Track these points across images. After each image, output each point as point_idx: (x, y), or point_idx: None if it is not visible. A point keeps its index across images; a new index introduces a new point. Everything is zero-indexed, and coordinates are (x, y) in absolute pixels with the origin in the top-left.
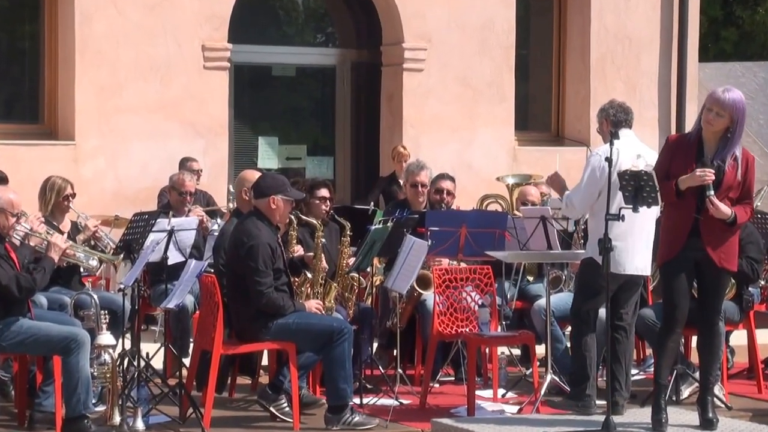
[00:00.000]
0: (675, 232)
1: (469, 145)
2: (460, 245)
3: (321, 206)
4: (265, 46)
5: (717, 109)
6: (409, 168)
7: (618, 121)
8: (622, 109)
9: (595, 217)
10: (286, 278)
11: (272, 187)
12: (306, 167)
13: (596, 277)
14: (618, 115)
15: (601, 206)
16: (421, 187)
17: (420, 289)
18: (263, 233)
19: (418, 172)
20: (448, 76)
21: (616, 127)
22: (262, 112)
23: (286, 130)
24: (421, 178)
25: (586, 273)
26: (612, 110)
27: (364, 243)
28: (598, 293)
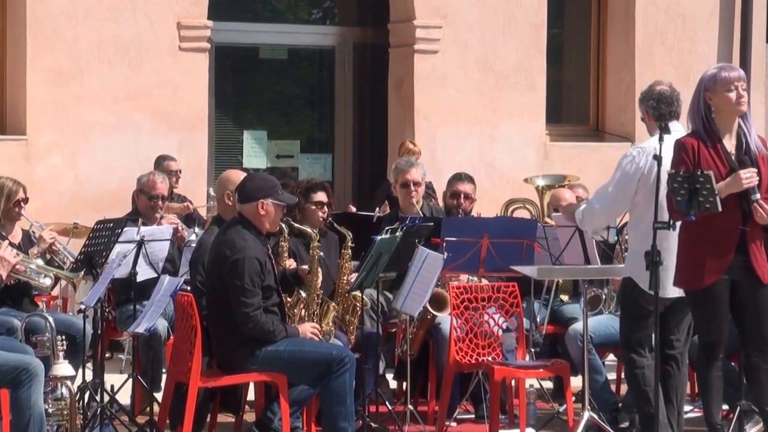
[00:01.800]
0: (716, 251)
1: (492, 140)
2: (481, 258)
3: (317, 213)
4: (252, 24)
5: (741, 83)
6: (397, 167)
7: (661, 114)
8: (663, 99)
9: (635, 230)
10: (277, 298)
11: (260, 190)
12: (300, 167)
13: (638, 299)
14: (660, 106)
15: (639, 217)
16: (413, 185)
17: (434, 311)
18: (250, 245)
19: (408, 169)
20: (468, 59)
21: (660, 120)
22: (247, 102)
23: (277, 123)
24: (412, 175)
25: (626, 295)
26: (652, 101)
27: (369, 256)
28: (644, 318)
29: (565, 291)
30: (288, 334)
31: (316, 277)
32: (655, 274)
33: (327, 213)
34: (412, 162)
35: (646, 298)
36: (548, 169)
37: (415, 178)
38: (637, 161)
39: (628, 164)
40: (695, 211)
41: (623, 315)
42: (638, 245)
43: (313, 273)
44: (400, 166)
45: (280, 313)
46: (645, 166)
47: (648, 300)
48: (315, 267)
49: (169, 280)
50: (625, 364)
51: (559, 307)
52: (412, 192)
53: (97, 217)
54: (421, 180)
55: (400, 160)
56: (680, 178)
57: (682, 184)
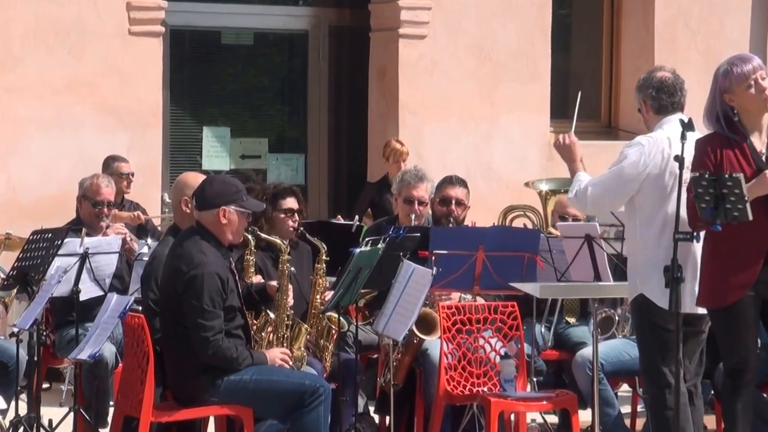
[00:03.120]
0: (740, 264)
1: (489, 138)
2: (475, 274)
3: (287, 221)
4: (212, 4)
5: (760, 72)
6: (404, 178)
7: (661, 105)
8: (664, 87)
9: (635, 238)
10: (242, 319)
11: (222, 195)
12: (268, 168)
13: (654, 320)
14: (661, 96)
15: (646, 223)
16: (418, 204)
17: (421, 334)
18: (210, 258)
19: (415, 184)
20: (461, 44)
21: (660, 112)
22: (208, 95)
23: (241, 119)
24: (419, 192)
25: (642, 317)
26: (651, 89)
27: (346, 271)
28: (662, 341)
29: (572, 311)
30: (254, 361)
31: (286, 296)
32: (676, 293)
33: (298, 222)
34: (422, 176)
35: (663, 317)
36: (553, 171)
37: (422, 195)
38: (646, 152)
39: (636, 154)
40: (722, 219)
41: (640, 341)
42: (644, 256)
43: (282, 290)
44: (407, 179)
45: (245, 336)
46: (655, 161)
47: (665, 319)
48: (285, 284)
49: (117, 299)
50: (651, 401)
51: (565, 330)
52: (415, 210)
53: (34, 226)
54: (428, 199)
55: (408, 171)
56: (705, 182)
57: (707, 188)
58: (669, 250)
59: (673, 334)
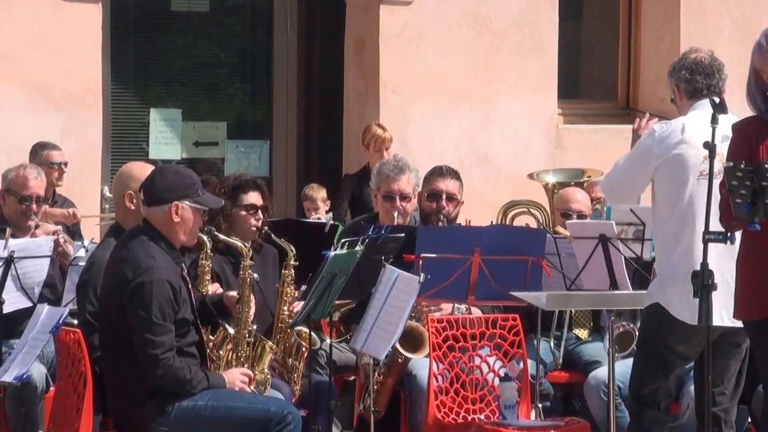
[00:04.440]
0: None
1: (486, 121)
2: (470, 282)
3: (249, 220)
4: None
5: None
6: (382, 170)
7: (696, 89)
8: (700, 68)
9: (662, 238)
10: (196, 335)
11: (173, 189)
12: (226, 158)
13: (665, 336)
14: (695, 78)
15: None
16: (400, 200)
17: (407, 352)
18: (159, 263)
19: (395, 176)
20: (452, 12)
21: (694, 97)
22: (155, 71)
23: (195, 100)
24: (401, 185)
25: (650, 328)
26: (685, 71)
27: (318, 278)
28: (668, 362)
29: (584, 325)
30: (210, 384)
31: (247, 308)
32: (707, 303)
33: (262, 220)
34: (403, 167)
35: (676, 334)
36: (561, 160)
37: (404, 189)
38: (658, 137)
39: (647, 138)
40: (760, 217)
41: (639, 353)
42: (659, 258)
43: (243, 301)
44: (386, 171)
45: (200, 355)
46: (667, 148)
47: (679, 338)
48: (246, 294)
49: (49, 312)
50: (631, 417)
51: (575, 347)
52: (397, 207)
53: None
54: (411, 192)
55: (387, 162)
56: (740, 173)
57: (743, 181)
58: (688, 252)
59: (679, 358)
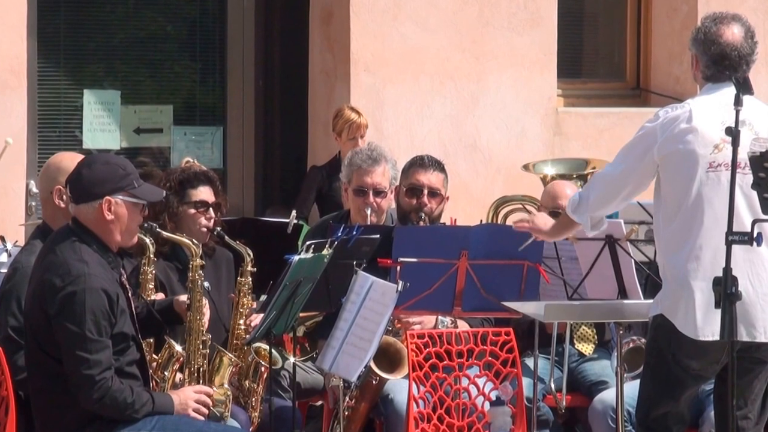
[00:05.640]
0: None
1: (474, 104)
2: (456, 290)
3: (199, 219)
4: None
5: None
6: (353, 160)
7: (719, 77)
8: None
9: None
10: (137, 352)
11: (105, 181)
12: (173, 147)
13: (675, 352)
14: (719, 69)
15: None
16: (373, 195)
17: (383, 373)
18: (93, 269)
19: (368, 168)
20: None
21: (716, 77)
22: (89, 47)
23: (136, 79)
24: (375, 178)
25: (657, 344)
26: (709, 57)
27: (280, 287)
28: (679, 382)
29: (587, 339)
30: (156, 408)
31: (200, 314)
32: (730, 315)
33: (214, 220)
34: (377, 157)
35: (688, 349)
36: (561, 149)
37: (378, 183)
38: (663, 123)
39: (650, 127)
40: None
41: (647, 371)
42: (663, 262)
43: (195, 307)
44: (357, 162)
45: (142, 376)
46: (675, 135)
47: (692, 353)
48: (198, 298)
49: None
50: None
51: (578, 365)
52: (370, 203)
53: None
54: (388, 187)
55: (360, 151)
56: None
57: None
58: (696, 256)
59: (692, 377)
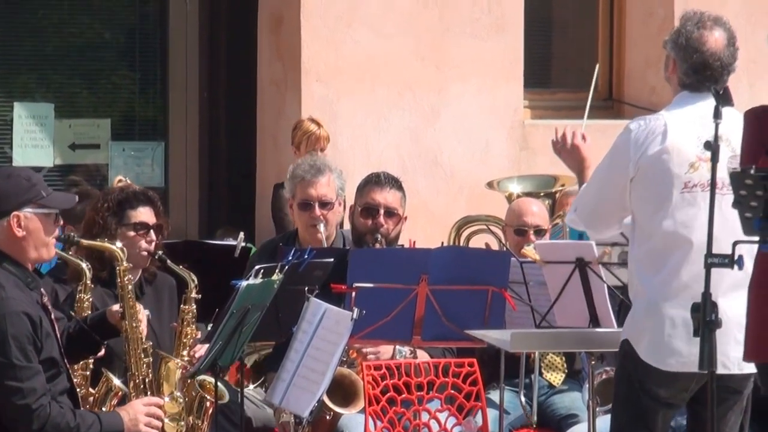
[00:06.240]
0: None
1: (435, 117)
2: (416, 318)
3: (139, 242)
4: None
5: None
6: (295, 172)
7: (697, 87)
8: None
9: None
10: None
11: (10, 196)
12: (111, 164)
13: (643, 380)
14: (699, 77)
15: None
16: (319, 207)
17: (337, 407)
18: (11, 291)
19: (312, 178)
20: None
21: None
22: (19, 54)
23: (71, 90)
24: (319, 190)
25: (625, 371)
26: (688, 65)
27: (227, 315)
28: (649, 411)
29: (557, 368)
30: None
31: (135, 321)
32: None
33: (156, 243)
34: (321, 167)
35: (654, 377)
36: (528, 164)
37: (324, 194)
38: (636, 138)
39: (621, 142)
40: None
41: (617, 401)
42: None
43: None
44: (299, 173)
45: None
46: (648, 151)
47: (659, 381)
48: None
49: None
50: None
51: (547, 397)
52: (317, 216)
53: None
54: (334, 197)
55: (302, 162)
56: (750, 181)
57: (754, 190)
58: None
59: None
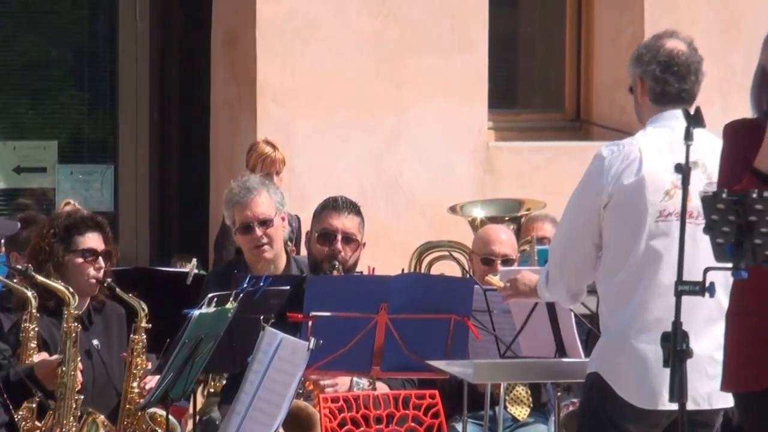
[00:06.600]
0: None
1: (395, 139)
2: (375, 348)
3: (87, 270)
4: None
5: None
6: (229, 196)
7: (664, 91)
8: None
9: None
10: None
11: None
12: (58, 188)
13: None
14: (666, 77)
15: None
16: (258, 227)
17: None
18: None
19: (246, 200)
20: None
21: (661, 100)
22: None
23: (16, 111)
24: (257, 210)
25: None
26: (656, 66)
27: (179, 345)
28: None
29: (521, 402)
30: None
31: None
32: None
33: (104, 270)
34: (253, 185)
35: (625, 413)
36: (493, 188)
37: (262, 213)
38: (609, 164)
39: (594, 169)
40: (748, 262)
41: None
42: (605, 317)
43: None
44: (232, 196)
45: None
46: (622, 180)
47: (629, 417)
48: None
49: None
50: None
51: (512, 431)
52: (259, 238)
53: None
54: (273, 214)
55: (233, 186)
56: (722, 205)
57: (726, 214)
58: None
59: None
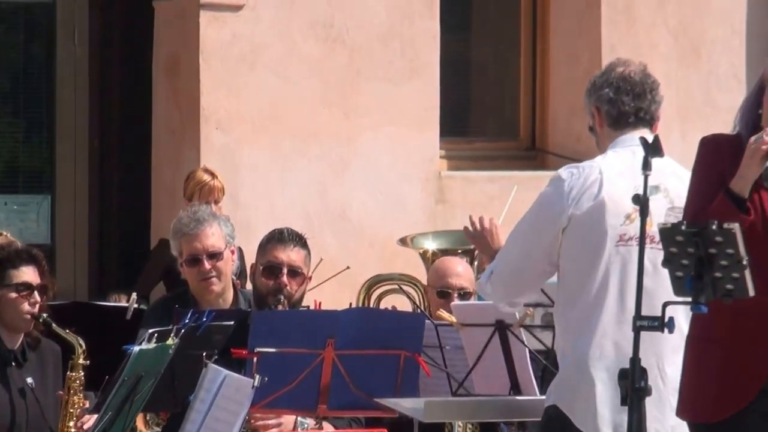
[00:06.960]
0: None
1: (343, 169)
2: (321, 385)
3: (22, 305)
4: None
5: None
6: (176, 227)
7: (621, 113)
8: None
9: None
10: None
11: None
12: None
13: None
14: (621, 99)
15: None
16: (207, 259)
17: None
18: None
19: (195, 231)
20: (296, 21)
21: (618, 123)
22: None
23: None
24: (205, 242)
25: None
26: (608, 88)
27: (118, 382)
28: None
29: None
30: None
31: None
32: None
33: (40, 305)
34: (203, 216)
35: None
36: (445, 219)
37: (210, 245)
38: (569, 187)
39: (552, 191)
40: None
41: None
42: (563, 350)
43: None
44: (180, 227)
45: None
46: (581, 201)
47: None
48: None
49: None
50: None
51: None
52: (207, 271)
53: None
54: (223, 246)
55: (181, 216)
56: (681, 237)
57: (685, 247)
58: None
59: None
